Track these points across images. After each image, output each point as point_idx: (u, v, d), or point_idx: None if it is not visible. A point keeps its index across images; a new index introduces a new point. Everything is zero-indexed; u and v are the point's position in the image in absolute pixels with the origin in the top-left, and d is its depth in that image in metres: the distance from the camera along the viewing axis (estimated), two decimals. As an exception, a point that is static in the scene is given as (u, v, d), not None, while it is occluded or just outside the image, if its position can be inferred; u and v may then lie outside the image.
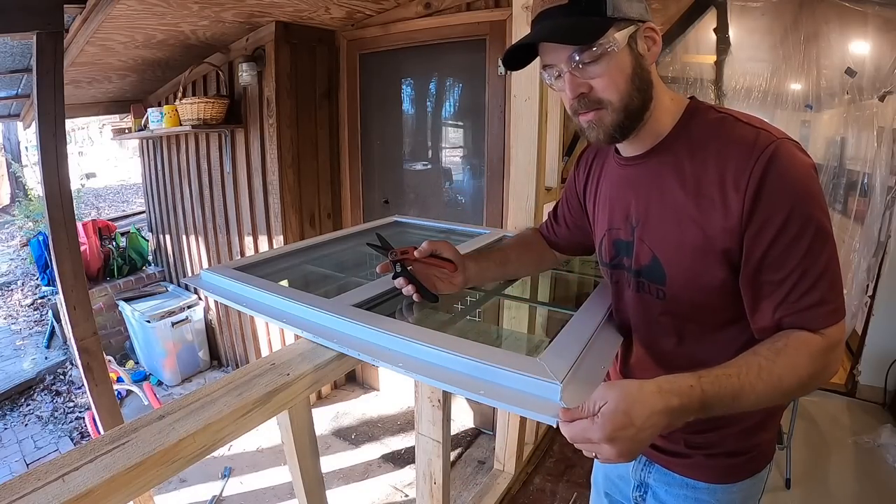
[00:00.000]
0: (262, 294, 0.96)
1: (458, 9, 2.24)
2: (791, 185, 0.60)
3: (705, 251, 0.67)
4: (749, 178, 0.61)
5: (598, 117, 0.68)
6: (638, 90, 0.67)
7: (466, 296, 1.12)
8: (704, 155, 0.67)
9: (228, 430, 0.66)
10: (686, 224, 0.68)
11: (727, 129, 0.66)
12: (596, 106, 0.67)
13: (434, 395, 1.21)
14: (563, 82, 0.68)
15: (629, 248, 0.78)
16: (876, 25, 2.39)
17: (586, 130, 0.71)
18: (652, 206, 0.73)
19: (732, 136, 0.65)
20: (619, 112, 0.67)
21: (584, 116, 0.69)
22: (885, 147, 2.46)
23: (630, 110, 0.67)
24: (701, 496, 0.83)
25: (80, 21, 1.93)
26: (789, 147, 0.62)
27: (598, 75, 0.65)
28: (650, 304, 0.77)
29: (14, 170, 8.27)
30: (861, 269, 2.55)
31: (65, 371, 3.69)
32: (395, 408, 2.88)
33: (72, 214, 1.87)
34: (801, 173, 0.61)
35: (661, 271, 0.73)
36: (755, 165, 0.61)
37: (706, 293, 0.70)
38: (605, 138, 0.70)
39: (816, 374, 0.61)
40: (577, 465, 2.21)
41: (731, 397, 0.56)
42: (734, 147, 0.64)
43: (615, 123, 0.68)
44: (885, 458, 2.13)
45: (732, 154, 0.64)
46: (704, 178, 0.66)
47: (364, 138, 2.76)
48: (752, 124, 0.65)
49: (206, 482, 2.30)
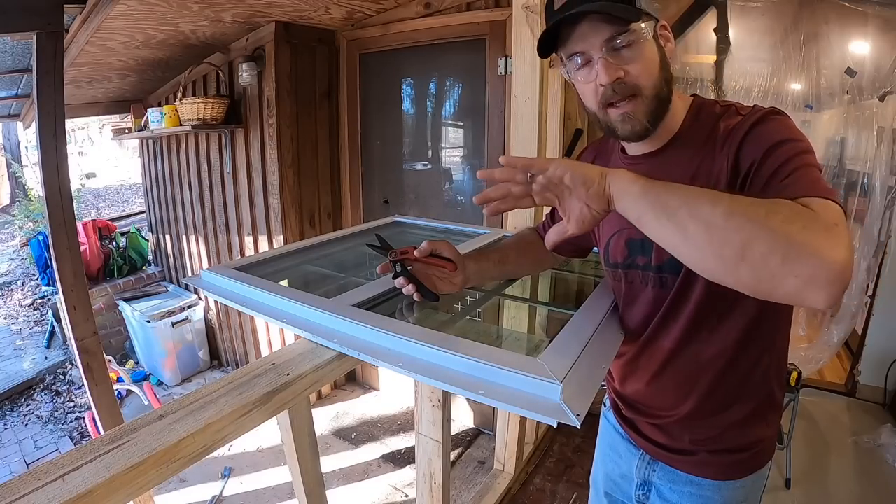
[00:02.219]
0: (262, 294, 0.96)
1: (458, 9, 2.25)
2: (778, 129, 0.63)
3: None
4: (740, 134, 0.65)
5: (634, 108, 0.68)
6: (665, 81, 0.69)
7: (466, 296, 1.12)
8: (712, 147, 0.69)
9: (228, 430, 0.66)
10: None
11: (730, 118, 0.69)
12: (631, 93, 0.67)
13: (434, 395, 1.21)
14: (595, 69, 0.67)
15: (645, 245, 0.78)
16: (876, 25, 2.39)
17: (619, 123, 0.70)
18: None
19: (734, 118, 0.68)
20: (652, 100, 0.68)
21: (616, 109, 0.69)
22: (885, 147, 2.46)
23: (661, 98, 0.69)
24: (705, 493, 0.83)
25: (80, 21, 1.93)
26: (778, 114, 0.66)
27: (632, 60, 0.66)
28: (669, 297, 0.76)
29: (14, 170, 8.27)
30: (861, 269, 2.55)
31: (65, 371, 3.69)
32: (395, 408, 2.88)
33: (72, 214, 1.87)
34: (789, 127, 0.64)
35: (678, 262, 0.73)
36: (746, 124, 0.65)
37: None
38: (641, 129, 0.70)
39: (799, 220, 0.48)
40: (577, 465, 2.21)
41: (684, 187, 0.54)
42: (734, 125, 0.67)
43: (649, 112, 0.69)
44: (885, 458, 2.13)
45: (732, 130, 0.67)
46: (714, 162, 0.68)
47: (364, 138, 2.76)
48: (751, 106, 0.69)
49: (206, 482, 2.30)
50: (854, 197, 2.66)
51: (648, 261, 0.78)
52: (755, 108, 0.68)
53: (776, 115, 0.66)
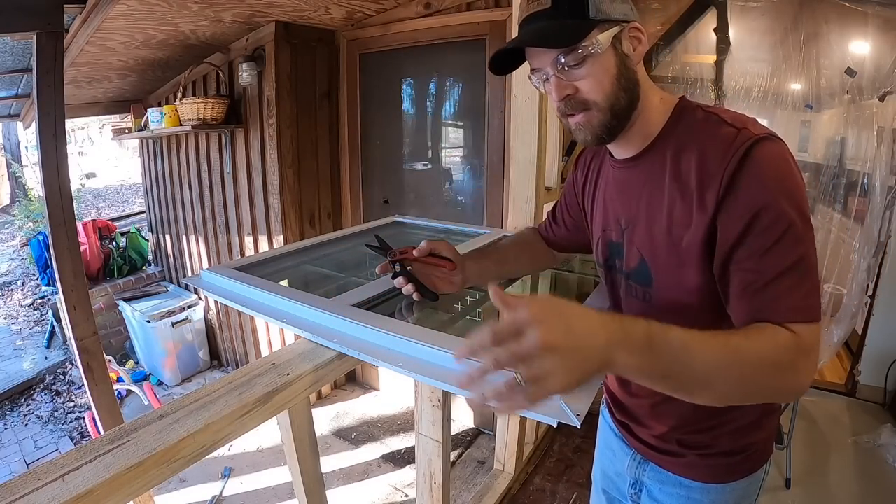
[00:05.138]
0: (262, 294, 0.96)
1: (458, 9, 2.24)
2: (764, 181, 0.59)
3: (689, 252, 0.67)
4: (724, 174, 0.61)
5: (587, 119, 0.68)
6: (624, 90, 0.67)
7: (466, 296, 1.12)
8: (688, 155, 0.67)
9: (228, 430, 0.66)
10: (670, 226, 0.69)
11: (711, 129, 0.65)
12: (583, 108, 0.68)
13: (434, 395, 1.21)
14: (550, 85, 0.68)
15: (620, 250, 0.79)
16: (876, 25, 2.39)
17: (575, 132, 0.71)
18: (640, 209, 0.73)
19: (714, 136, 0.64)
20: (605, 112, 0.67)
21: (572, 119, 0.70)
22: (885, 147, 2.46)
23: (616, 110, 0.67)
24: (694, 495, 0.82)
25: (80, 21, 1.93)
26: (767, 145, 0.61)
27: (582, 77, 0.66)
28: (638, 307, 0.77)
29: (14, 170, 8.27)
30: (861, 269, 2.55)
31: (65, 371, 3.69)
32: (395, 408, 2.88)
33: (72, 214, 1.87)
34: (778, 170, 0.60)
35: (648, 274, 0.73)
36: (730, 161, 0.61)
37: (688, 294, 0.70)
38: (594, 139, 0.70)
39: (779, 367, 0.55)
40: (577, 465, 2.21)
41: (681, 346, 0.52)
42: (714, 146, 0.63)
43: (602, 124, 0.68)
44: (885, 458, 2.13)
45: (711, 153, 0.63)
46: (688, 178, 0.66)
47: (364, 138, 2.76)
48: (734, 125, 0.64)
49: (206, 482, 2.30)
50: (854, 197, 2.66)
51: (622, 265, 0.79)
52: (740, 133, 0.62)
53: (767, 151, 0.60)
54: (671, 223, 0.68)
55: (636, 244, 0.75)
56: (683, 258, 0.68)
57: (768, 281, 0.59)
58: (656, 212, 0.71)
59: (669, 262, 0.70)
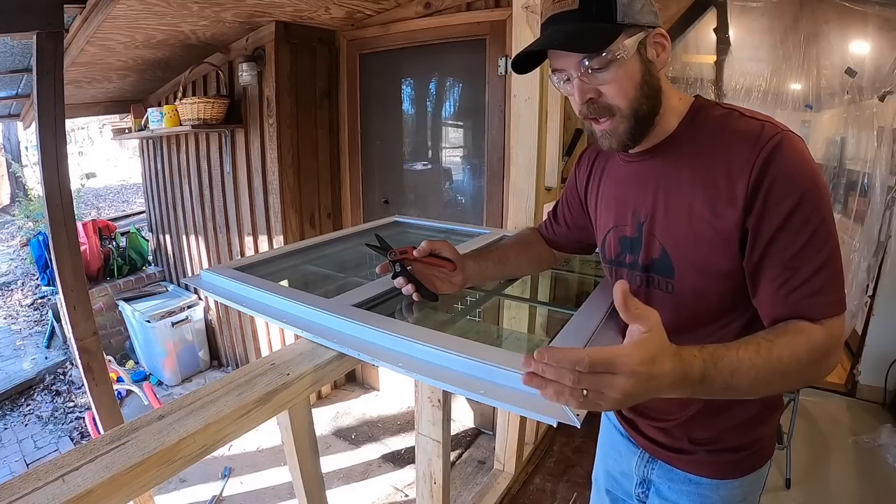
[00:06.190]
0: (262, 294, 0.96)
1: (458, 9, 2.24)
2: (798, 176, 0.61)
3: (713, 242, 0.68)
4: (753, 167, 0.62)
5: (613, 126, 0.69)
6: (646, 97, 0.68)
7: (466, 296, 1.12)
8: (711, 149, 0.68)
9: (228, 430, 0.66)
10: (694, 216, 0.69)
11: (733, 123, 0.67)
12: (606, 113, 0.68)
13: (434, 395, 1.21)
14: (572, 87, 0.68)
15: (634, 244, 0.78)
16: (876, 25, 2.39)
17: (600, 139, 0.72)
18: (659, 200, 0.74)
19: (738, 129, 0.66)
20: (629, 119, 0.68)
21: (598, 125, 0.70)
22: (885, 147, 2.46)
23: (640, 117, 0.68)
24: (704, 492, 0.83)
25: (80, 21, 1.93)
26: (794, 139, 0.63)
27: (606, 82, 0.66)
28: (658, 298, 0.77)
29: (14, 170, 8.27)
30: (861, 269, 2.55)
31: (65, 371, 3.69)
32: (395, 408, 2.88)
33: (72, 214, 1.87)
34: (808, 166, 0.62)
35: (670, 265, 0.74)
36: (759, 154, 0.62)
37: (711, 284, 0.71)
38: (619, 146, 0.71)
39: (815, 363, 0.60)
40: (577, 465, 2.21)
41: (730, 372, 0.55)
42: (739, 139, 0.65)
43: (628, 131, 0.69)
44: (885, 458, 2.13)
45: (737, 146, 0.65)
46: (711, 170, 0.67)
47: (364, 138, 2.76)
48: (756, 118, 0.66)
49: (206, 482, 2.30)
50: (854, 197, 2.66)
51: (636, 259, 0.79)
52: (764, 126, 0.64)
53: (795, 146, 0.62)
54: (692, 214, 0.69)
55: (657, 236, 0.75)
56: (707, 250, 0.69)
57: (805, 279, 0.61)
58: (676, 203, 0.71)
59: (691, 253, 0.71)
